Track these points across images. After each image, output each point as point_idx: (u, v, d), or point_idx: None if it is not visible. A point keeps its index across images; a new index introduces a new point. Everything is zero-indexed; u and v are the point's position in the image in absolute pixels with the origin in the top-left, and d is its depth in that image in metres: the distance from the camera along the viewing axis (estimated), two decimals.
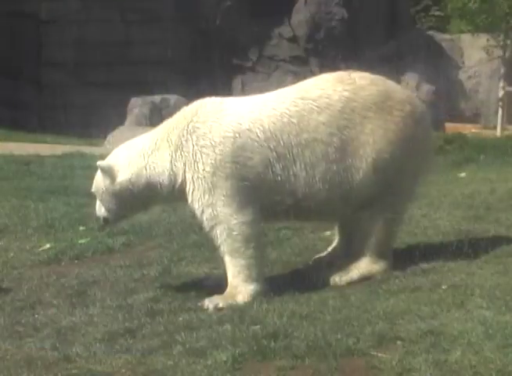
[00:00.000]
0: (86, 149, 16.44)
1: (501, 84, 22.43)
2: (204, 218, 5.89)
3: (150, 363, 4.78)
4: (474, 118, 25.51)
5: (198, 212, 5.91)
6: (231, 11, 24.03)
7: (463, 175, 11.29)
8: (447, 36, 27.28)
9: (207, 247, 7.06)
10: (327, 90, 5.99)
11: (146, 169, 6.02)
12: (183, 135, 5.93)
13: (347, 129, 5.90)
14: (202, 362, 4.70)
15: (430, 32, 27.69)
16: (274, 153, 5.84)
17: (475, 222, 7.58)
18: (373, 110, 5.96)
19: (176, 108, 6.42)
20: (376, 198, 6.00)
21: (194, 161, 5.86)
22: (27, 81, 22.69)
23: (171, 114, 6.34)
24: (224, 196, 5.79)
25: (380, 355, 4.61)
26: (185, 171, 5.90)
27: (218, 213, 5.81)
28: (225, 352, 4.76)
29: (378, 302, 5.46)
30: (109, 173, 6.07)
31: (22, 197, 10.50)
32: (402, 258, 6.24)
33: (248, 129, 5.86)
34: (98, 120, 19.76)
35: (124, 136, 19.78)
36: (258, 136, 5.85)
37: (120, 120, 20.26)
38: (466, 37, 26.18)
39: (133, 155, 6.09)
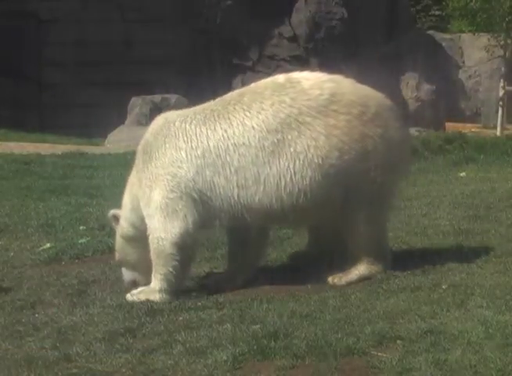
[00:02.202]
0: (86, 148, 16.43)
1: (501, 83, 22.43)
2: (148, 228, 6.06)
3: (150, 363, 4.79)
4: (474, 118, 25.53)
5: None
6: (231, 10, 24.03)
7: (463, 174, 11.29)
8: (447, 36, 27.29)
9: (206, 247, 7.07)
10: (263, 95, 6.01)
11: (127, 194, 6.29)
12: (138, 158, 6.21)
13: (281, 134, 5.87)
14: (202, 361, 4.70)
15: (431, 32, 27.69)
16: (202, 160, 5.94)
17: (475, 222, 7.58)
18: (311, 115, 5.90)
19: (176, 108, 6.48)
20: (348, 202, 5.93)
21: (143, 177, 6.10)
22: (28, 80, 22.69)
23: None
24: (156, 208, 5.95)
25: (380, 354, 4.61)
26: (138, 188, 6.14)
27: (150, 224, 5.99)
28: (226, 351, 4.77)
29: (378, 302, 5.46)
30: (114, 219, 6.36)
31: (22, 197, 10.51)
32: (402, 257, 6.24)
33: (176, 138, 6.02)
34: (98, 119, 19.77)
35: (125, 136, 19.92)
36: (186, 144, 5.99)
37: (121, 119, 20.28)
38: (466, 37, 26.20)
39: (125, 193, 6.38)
